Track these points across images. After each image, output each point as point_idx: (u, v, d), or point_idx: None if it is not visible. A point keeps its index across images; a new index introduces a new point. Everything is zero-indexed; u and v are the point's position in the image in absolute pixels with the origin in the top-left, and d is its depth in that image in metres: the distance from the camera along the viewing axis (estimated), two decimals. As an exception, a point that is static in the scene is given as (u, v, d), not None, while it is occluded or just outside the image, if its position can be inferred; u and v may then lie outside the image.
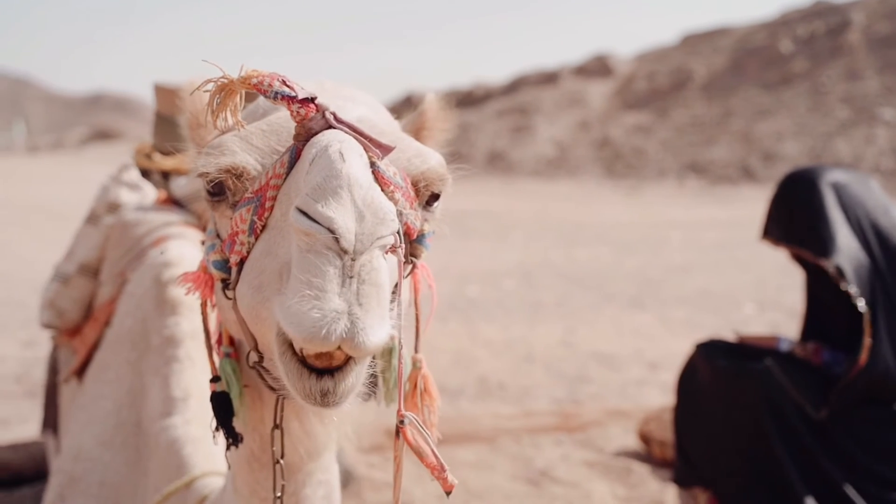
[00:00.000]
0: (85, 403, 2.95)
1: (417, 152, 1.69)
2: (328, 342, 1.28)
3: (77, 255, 3.65)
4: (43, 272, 11.26)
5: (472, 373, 7.14)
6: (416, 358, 1.88)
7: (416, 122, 2.02)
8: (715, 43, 42.79)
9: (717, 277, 12.12)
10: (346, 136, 1.49)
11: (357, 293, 1.30)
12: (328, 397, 1.39)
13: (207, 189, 1.70)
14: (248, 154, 1.64)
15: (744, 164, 31.31)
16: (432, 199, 1.73)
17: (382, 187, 1.54)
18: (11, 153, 54.03)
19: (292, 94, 1.53)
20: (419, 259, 1.72)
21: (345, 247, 1.30)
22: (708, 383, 3.77)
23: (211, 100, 1.64)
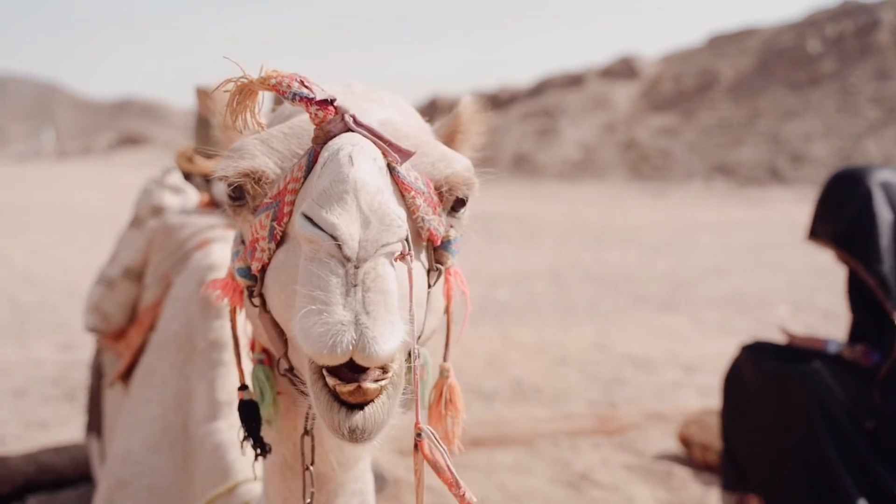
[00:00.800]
0: (132, 407, 2.95)
1: (442, 156, 1.65)
2: (336, 355, 1.24)
3: (121, 259, 3.65)
4: (76, 276, 11.45)
5: (506, 376, 7.11)
6: (444, 367, 1.85)
7: (450, 125, 1.98)
8: (742, 44, 42.50)
9: (748, 279, 12.01)
10: (362, 139, 1.46)
11: (363, 301, 1.26)
12: (356, 433, 1.34)
13: (228, 193, 1.67)
14: (267, 157, 1.61)
15: (772, 165, 31.07)
16: (458, 204, 1.69)
17: (402, 192, 1.53)
18: (40, 159, 54.55)
19: (310, 95, 1.50)
20: (445, 266, 1.67)
21: (347, 254, 1.27)
22: (755, 386, 3.72)
23: (231, 100, 1.62)
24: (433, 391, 1.86)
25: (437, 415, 1.84)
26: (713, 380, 6.96)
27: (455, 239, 1.68)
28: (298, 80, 1.52)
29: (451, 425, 1.85)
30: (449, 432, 1.85)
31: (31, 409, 6.23)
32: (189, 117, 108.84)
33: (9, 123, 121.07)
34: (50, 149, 64.81)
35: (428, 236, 1.60)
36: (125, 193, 25.46)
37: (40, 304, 9.99)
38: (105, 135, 77.22)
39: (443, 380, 1.85)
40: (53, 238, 15.94)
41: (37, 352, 7.80)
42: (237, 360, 1.84)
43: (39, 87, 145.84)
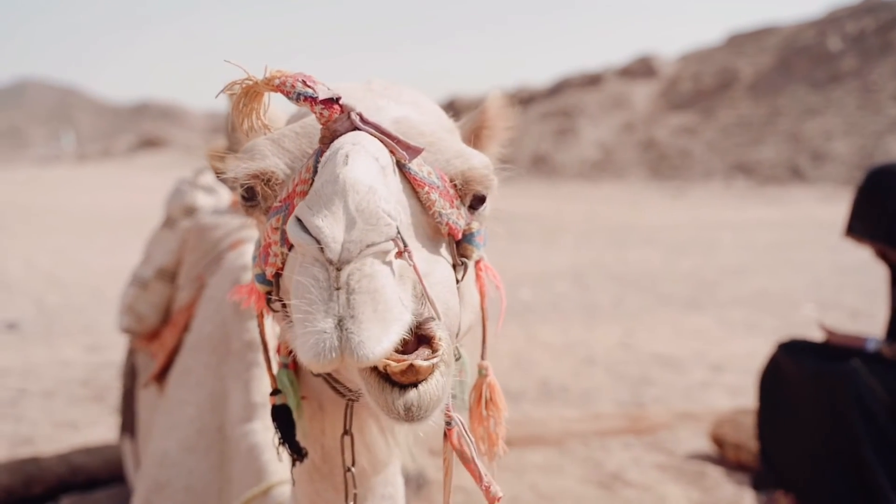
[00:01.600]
0: (168, 409, 2.95)
1: (458, 153, 1.63)
2: (321, 363, 1.22)
3: (154, 260, 3.64)
4: (100, 278, 11.50)
5: (532, 376, 7.09)
6: (482, 365, 1.81)
7: (475, 120, 1.94)
8: (761, 42, 42.27)
9: (773, 278, 11.93)
10: (365, 137, 1.43)
11: (348, 304, 1.23)
12: (412, 412, 1.31)
13: (241, 194, 1.63)
14: (278, 158, 1.59)
15: (792, 163, 30.87)
16: (477, 201, 1.66)
17: (416, 188, 1.52)
18: (60, 162, 54.95)
19: (313, 94, 1.48)
20: (471, 259, 1.64)
21: (329, 257, 1.24)
22: (793, 384, 3.69)
23: (237, 103, 1.59)
24: (473, 391, 1.82)
25: (478, 416, 1.80)
26: (742, 379, 6.92)
27: (477, 231, 1.65)
28: (301, 79, 1.50)
29: (493, 426, 1.81)
30: (492, 433, 1.81)
31: (61, 410, 6.26)
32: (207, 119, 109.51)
33: (29, 127, 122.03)
34: (70, 152, 65.27)
35: (448, 231, 1.57)
36: (146, 196, 25.72)
37: (66, 306, 10.05)
38: (124, 137, 77.74)
39: (482, 379, 1.81)
40: (77, 241, 16.04)
41: (64, 353, 7.84)
42: (267, 364, 1.81)
43: (59, 91, 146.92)
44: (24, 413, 6.19)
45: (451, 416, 1.47)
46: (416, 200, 1.53)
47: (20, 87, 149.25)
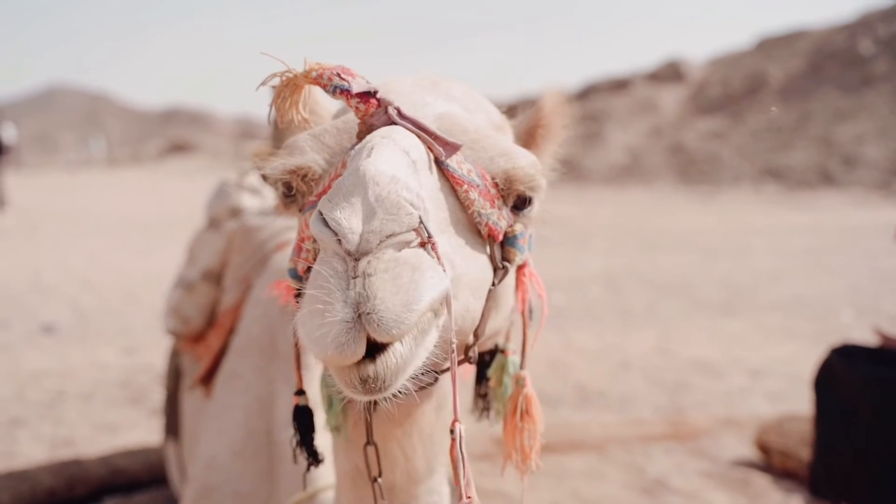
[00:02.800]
0: (216, 413, 2.93)
1: (503, 152, 1.59)
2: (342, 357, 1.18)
3: (200, 262, 3.63)
4: (133, 281, 11.59)
5: (569, 380, 7.03)
6: (520, 375, 1.77)
7: (530, 119, 1.89)
8: (792, 46, 41.90)
9: (809, 284, 11.79)
10: (399, 131, 1.39)
11: (364, 286, 1.18)
12: (368, 383, 1.24)
13: (281, 190, 1.62)
14: (316, 154, 1.57)
15: (823, 168, 30.54)
16: (523, 202, 1.62)
17: (454, 186, 1.49)
18: (90, 166, 55.49)
19: (349, 87, 1.45)
20: (513, 263, 1.60)
21: (347, 248, 1.20)
22: (852, 390, 3.61)
23: (276, 96, 1.57)
24: (508, 402, 1.78)
25: (512, 427, 1.75)
26: (782, 385, 6.83)
27: (521, 234, 1.61)
28: (338, 72, 1.47)
29: (527, 439, 1.75)
30: (525, 447, 1.76)
31: (99, 412, 6.29)
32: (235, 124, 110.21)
33: (59, 132, 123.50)
34: (100, 156, 65.92)
35: (487, 231, 1.54)
36: (176, 201, 25.90)
37: (101, 309, 10.12)
38: (153, 142, 78.41)
39: (518, 389, 1.76)
40: (110, 244, 16.17)
41: (101, 355, 7.88)
42: (296, 363, 1.78)
43: (89, 97, 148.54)
44: (63, 415, 6.22)
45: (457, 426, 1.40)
46: (455, 199, 1.51)
47: (50, 93, 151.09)
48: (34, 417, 6.14)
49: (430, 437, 1.78)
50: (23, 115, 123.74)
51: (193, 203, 22.84)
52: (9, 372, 7.29)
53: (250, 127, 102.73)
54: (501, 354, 1.86)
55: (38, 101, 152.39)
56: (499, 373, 1.86)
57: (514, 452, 1.78)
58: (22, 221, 20.34)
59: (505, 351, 1.86)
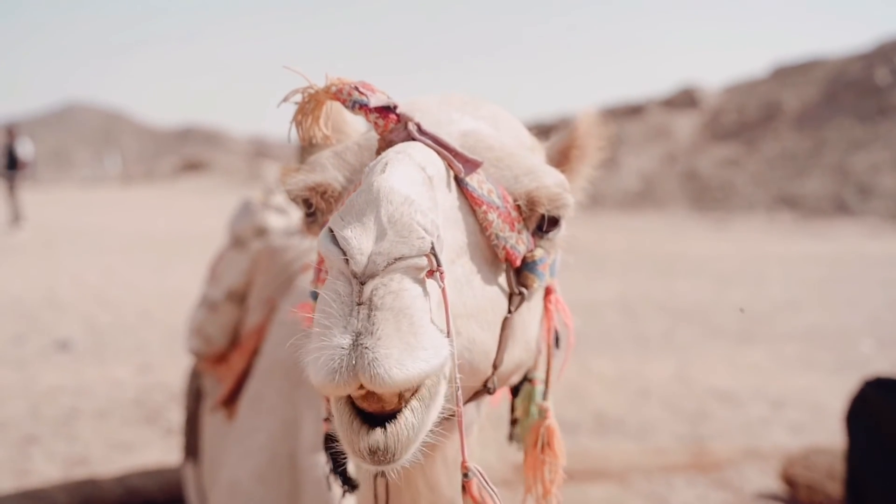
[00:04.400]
0: (240, 436, 2.89)
1: (529, 170, 1.53)
2: (334, 384, 1.11)
3: (224, 281, 3.58)
4: (148, 299, 11.58)
5: (587, 407, 6.96)
6: (543, 406, 1.71)
7: (564, 140, 1.84)
8: (808, 75, 41.87)
9: (826, 313, 11.68)
10: (417, 147, 1.34)
11: (369, 319, 1.11)
12: (378, 454, 1.18)
13: (304, 211, 1.60)
14: (337, 171, 1.53)
15: (838, 197, 30.41)
16: (550, 224, 1.56)
17: (473, 206, 1.43)
18: (104, 184, 55.79)
19: (367, 102, 1.41)
20: (530, 290, 1.53)
21: (353, 269, 1.13)
22: (885, 423, 3.54)
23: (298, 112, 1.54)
24: (529, 433, 1.72)
25: (532, 460, 1.70)
26: (803, 416, 6.75)
27: (541, 259, 1.55)
28: (356, 86, 1.44)
29: (548, 473, 1.68)
30: (546, 481, 1.68)
31: (114, 431, 6.25)
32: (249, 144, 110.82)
33: (76, 148, 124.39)
34: (114, 173, 66.28)
35: (505, 255, 1.48)
36: (189, 219, 25.93)
37: (116, 326, 10.10)
38: (167, 160, 78.82)
39: (540, 421, 1.70)
40: (125, 261, 16.18)
41: (116, 372, 7.85)
42: None
43: (105, 115, 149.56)
44: (78, 432, 6.19)
45: (468, 466, 1.33)
46: (473, 219, 1.45)
47: (67, 110, 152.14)
48: (48, 435, 6.10)
49: (454, 464, 1.72)
50: (40, 131, 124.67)
51: (207, 221, 22.85)
52: (24, 388, 7.26)
53: (264, 146, 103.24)
54: (529, 383, 1.79)
55: (55, 117, 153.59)
56: (525, 402, 1.79)
57: (535, 485, 1.72)
58: (37, 237, 20.41)
59: (533, 380, 1.80)
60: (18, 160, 23.97)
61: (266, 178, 3.68)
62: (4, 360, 8.25)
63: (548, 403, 1.72)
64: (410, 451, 1.22)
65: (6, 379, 7.54)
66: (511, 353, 1.57)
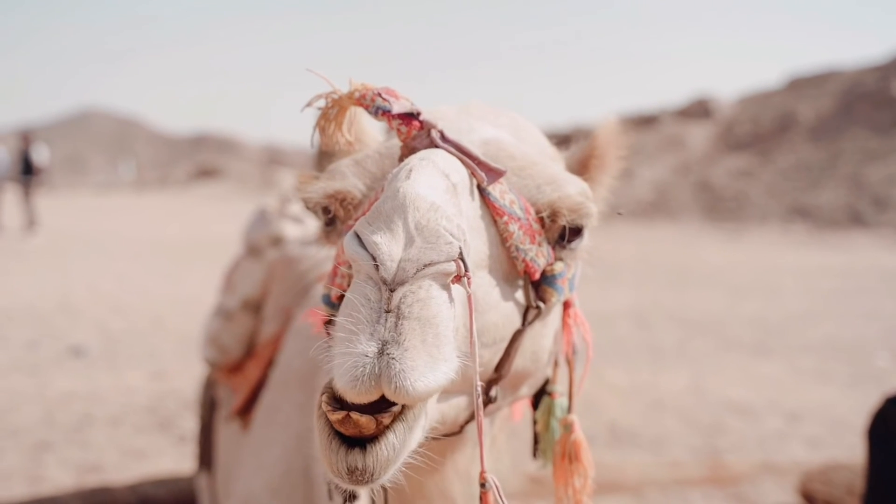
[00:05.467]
0: (255, 448, 2.87)
1: (551, 179, 1.52)
2: (357, 390, 1.10)
3: (240, 290, 3.57)
4: (161, 306, 11.61)
5: (601, 419, 6.92)
6: (568, 420, 1.70)
7: (584, 149, 1.83)
8: (823, 86, 41.73)
9: (842, 326, 11.59)
10: (439, 154, 1.33)
11: (396, 328, 1.11)
12: (356, 474, 1.18)
13: (323, 219, 1.59)
14: (357, 179, 1.52)
15: (853, 209, 30.26)
16: (572, 234, 1.54)
17: (494, 217, 1.42)
18: (118, 190, 56.04)
19: (390, 108, 1.41)
20: (548, 304, 1.51)
21: (383, 275, 1.13)
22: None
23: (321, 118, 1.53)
24: (557, 446, 1.71)
25: (562, 472, 1.69)
26: (820, 430, 6.69)
27: (560, 274, 1.53)
28: (380, 92, 1.43)
29: (577, 480, 1.68)
30: (576, 488, 1.69)
31: (127, 438, 6.24)
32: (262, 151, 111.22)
33: (91, 155, 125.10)
34: (128, 180, 66.59)
35: (524, 268, 1.46)
36: (203, 226, 26.03)
37: (130, 332, 10.10)
38: (182, 167, 79.13)
39: (566, 435, 1.69)
40: (138, 267, 16.22)
41: (129, 379, 7.85)
42: None
43: (121, 122, 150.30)
44: (91, 439, 6.19)
45: (486, 477, 1.32)
46: (494, 229, 1.43)
47: (84, 117, 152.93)
48: (62, 441, 6.10)
49: (466, 474, 1.72)
50: (56, 137, 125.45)
51: (220, 228, 22.86)
52: (37, 394, 7.27)
53: (277, 154, 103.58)
54: (548, 397, 1.78)
55: (71, 123, 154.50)
56: (545, 416, 1.78)
57: (566, 495, 1.71)
58: (52, 242, 20.49)
59: (552, 394, 1.79)
60: (34, 166, 24.10)
61: (279, 185, 3.70)
62: (19, 366, 8.27)
63: (573, 417, 1.71)
64: (390, 471, 1.21)
65: (20, 385, 7.56)
66: (515, 365, 1.55)
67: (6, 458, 5.73)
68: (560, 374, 1.81)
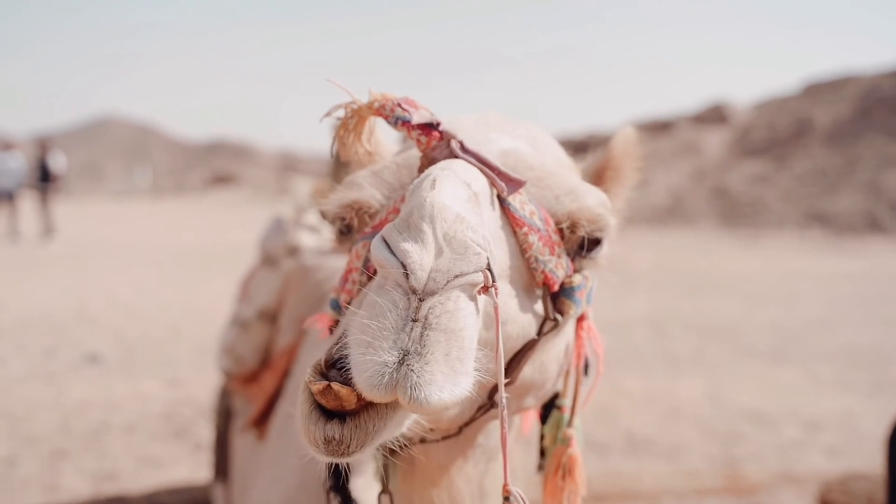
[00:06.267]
0: (271, 460, 2.87)
1: (569, 190, 1.52)
2: (375, 394, 1.11)
3: (256, 300, 3.57)
4: (177, 313, 11.64)
5: (617, 427, 6.88)
6: (567, 434, 1.68)
7: (600, 160, 1.82)
8: (839, 91, 41.50)
9: (860, 333, 11.50)
10: (460, 164, 1.32)
11: (420, 339, 1.11)
12: (332, 445, 1.18)
13: (338, 228, 1.59)
14: (375, 189, 1.52)
15: (870, 214, 30.07)
16: (591, 244, 1.53)
17: (514, 228, 1.41)
18: (134, 197, 56.34)
19: (410, 118, 1.40)
20: (565, 316, 1.50)
21: (413, 285, 1.12)
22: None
23: (340, 128, 1.53)
24: (551, 459, 1.69)
25: (552, 486, 1.66)
26: (839, 439, 6.63)
27: (579, 286, 1.51)
28: (399, 103, 1.43)
29: (566, 500, 1.66)
30: None
31: (143, 446, 6.26)
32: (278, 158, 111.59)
33: (107, 161, 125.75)
34: (145, 186, 66.93)
35: (543, 280, 1.45)
36: (218, 232, 26.11)
37: (145, 339, 10.14)
38: (198, 174, 79.48)
39: (563, 448, 1.67)
40: (155, 274, 16.29)
41: (145, 387, 7.87)
42: None
43: (137, 129, 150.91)
44: (107, 447, 6.20)
45: (510, 490, 1.29)
46: (514, 240, 1.43)
47: (101, 124, 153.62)
48: (78, 449, 6.12)
49: (479, 486, 1.71)
50: (73, 144, 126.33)
51: (235, 235, 22.91)
52: (54, 402, 7.30)
53: (292, 160, 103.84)
54: (558, 411, 1.77)
55: (88, 130, 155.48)
56: (553, 430, 1.77)
57: None
58: (69, 249, 20.60)
59: (562, 408, 1.77)
60: (51, 173, 24.28)
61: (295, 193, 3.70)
62: (36, 374, 8.30)
63: (572, 431, 1.69)
64: (367, 448, 1.20)
65: (37, 392, 7.59)
66: (523, 374, 1.53)
67: (23, 466, 5.75)
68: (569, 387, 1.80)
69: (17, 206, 23.64)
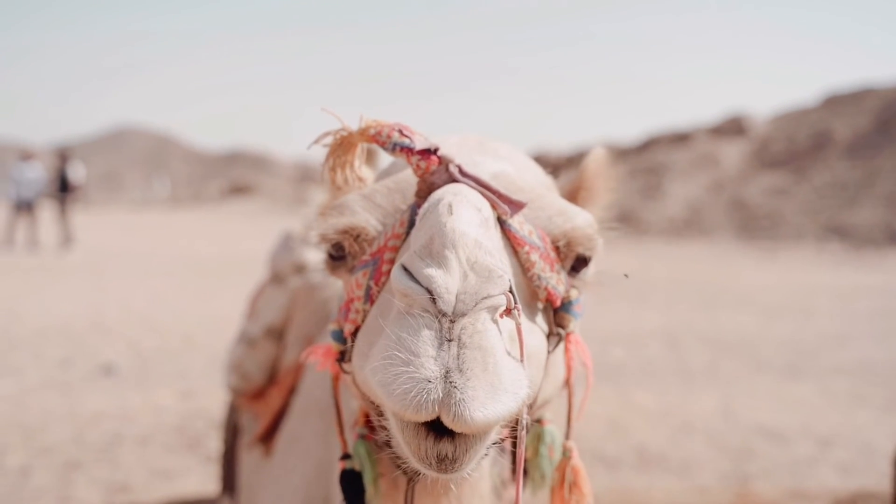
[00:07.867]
0: (276, 476, 2.90)
1: (561, 211, 1.55)
2: (420, 413, 1.12)
3: (263, 317, 3.59)
4: (193, 325, 11.69)
5: (629, 442, 6.86)
6: (567, 446, 1.70)
7: (574, 180, 1.87)
8: (859, 103, 41.25)
9: (878, 348, 11.41)
10: (466, 188, 1.35)
11: (458, 357, 1.13)
12: (445, 463, 1.21)
13: (328, 251, 1.59)
14: (369, 214, 1.53)
15: (890, 227, 29.84)
16: (580, 263, 1.57)
17: (515, 247, 1.44)
18: (152, 206, 56.67)
19: (410, 144, 1.42)
20: (566, 329, 1.54)
21: (442, 308, 1.15)
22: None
23: (329, 155, 1.55)
24: (555, 473, 1.71)
25: (560, 499, 1.68)
26: (853, 456, 6.59)
27: (576, 300, 1.55)
28: (398, 129, 1.45)
29: None
30: None
31: (156, 458, 6.29)
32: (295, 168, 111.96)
33: (126, 171, 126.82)
34: (163, 196, 67.31)
35: (546, 296, 1.48)
36: (235, 243, 26.20)
37: (161, 351, 10.19)
38: (215, 184, 79.85)
39: (566, 461, 1.69)
40: (171, 285, 16.36)
41: (159, 398, 7.91)
42: (339, 429, 1.73)
43: (156, 139, 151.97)
44: (120, 459, 6.24)
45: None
46: (515, 260, 1.46)
47: (120, 134, 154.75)
48: (91, 461, 6.16)
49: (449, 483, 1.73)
50: (92, 154, 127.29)
51: (252, 245, 23.05)
52: (69, 412, 7.35)
53: (309, 171, 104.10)
54: (537, 424, 1.79)
55: (107, 140, 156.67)
56: (535, 443, 1.79)
57: None
58: (87, 259, 20.75)
59: (541, 420, 1.79)
60: (70, 183, 24.49)
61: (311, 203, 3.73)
62: (51, 385, 8.36)
63: (571, 443, 1.71)
64: (475, 461, 1.25)
65: (52, 403, 7.64)
66: (544, 392, 1.58)
67: (37, 477, 5.80)
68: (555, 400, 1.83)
69: (36, 215, 23.85)
